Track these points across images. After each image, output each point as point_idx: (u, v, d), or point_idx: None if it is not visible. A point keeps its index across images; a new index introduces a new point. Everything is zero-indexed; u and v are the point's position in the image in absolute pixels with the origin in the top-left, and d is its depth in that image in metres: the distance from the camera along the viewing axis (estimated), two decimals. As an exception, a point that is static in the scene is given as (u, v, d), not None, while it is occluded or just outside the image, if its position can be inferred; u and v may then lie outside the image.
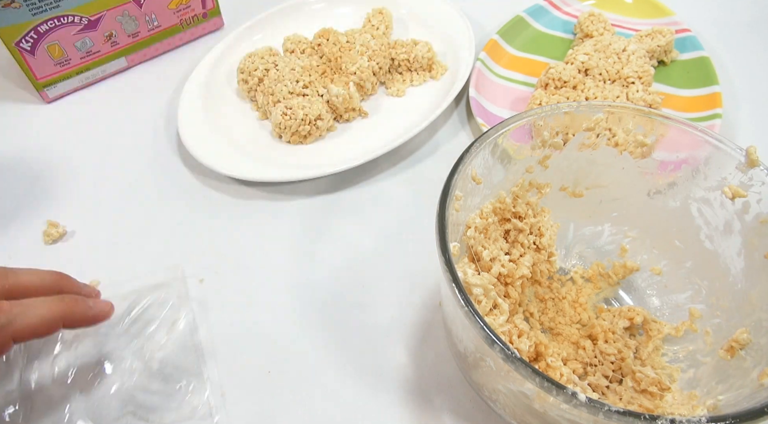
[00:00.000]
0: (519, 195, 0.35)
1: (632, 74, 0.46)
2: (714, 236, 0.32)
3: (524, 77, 0.53)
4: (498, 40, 0.54)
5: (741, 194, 0.30)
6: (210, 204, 0.46)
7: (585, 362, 0.33)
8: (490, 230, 0.33)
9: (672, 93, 0.49)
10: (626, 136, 0.33)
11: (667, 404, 0.29)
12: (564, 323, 0.35)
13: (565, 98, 0.46)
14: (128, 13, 0.53)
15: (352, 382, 0.36)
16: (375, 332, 0.38)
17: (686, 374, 0.31)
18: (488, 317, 0.29)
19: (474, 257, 0.32)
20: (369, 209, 0.45)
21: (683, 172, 0.33)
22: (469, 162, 0.30)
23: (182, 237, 0.44)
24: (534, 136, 0.33)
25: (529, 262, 0.33)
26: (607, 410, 0.21)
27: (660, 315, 0.35)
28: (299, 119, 0.47)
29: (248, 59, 0.52)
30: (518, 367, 0.22)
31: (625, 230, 0.37)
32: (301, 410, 0.35)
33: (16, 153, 0.51)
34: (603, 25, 0.53)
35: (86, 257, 0.43)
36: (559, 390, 0.22)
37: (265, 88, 0.50)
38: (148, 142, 0.51)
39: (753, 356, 0.28)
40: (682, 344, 0.33)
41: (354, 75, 0.50)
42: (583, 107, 0.33)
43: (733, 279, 0.31)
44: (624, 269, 0.37)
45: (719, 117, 0.45)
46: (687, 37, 0.52)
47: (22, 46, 0.49)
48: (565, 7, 0.58)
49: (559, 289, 0.36)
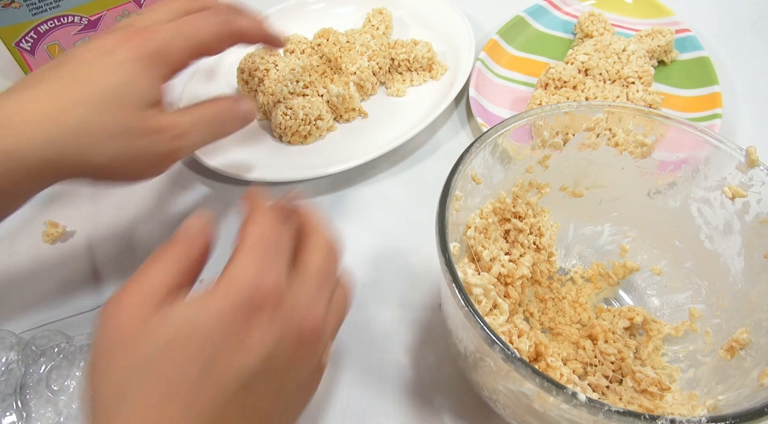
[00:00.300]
0: (519, 195, 0.35)
1: (632, 74, 0.46)
2: (714, 236, 0.32)
3: (524, 77, 0.53)
4: (498, 40, 0.54)
5: (741, 194, 0.30)
6: (210, 204, 0.46)
7: (585, 362, 0.33)
8: (490, 230, 0.33)
9: (672, 93, 0.49)
10: (626, 136, 0.33)
11: (667, 404, 0.29)
12: (564, 323, 0.35)
13: (565, 98, 0.46)
14: (128, 13, 0.53)
15: (352, 382, 0.35)
16: (375, 332, 0.38)
17: (686, 374, 0.31)
18: (488, 317, 0.29)
19: (474, 257, 0.32)
20: (369, 209, 0.45)
21: (683, 172, 0.33)
22: (469, 162, 0.30)
23: (182, 237, 0.44)
24: (534, 136, 0.33)
25: (529, 262, 0.33)
26: (607, 410, 0.21)
27: (660, 315, 0.35)
28: (299, 119, 0.47)
29: (248, 59, 0.52)
30: (518, 367, 0.22)
31: (625, 230, 0.37)
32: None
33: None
34: (603, 25, 0.53)
35: (86, 257, 0.43)
36: (559, 390, 0.22)
37: (265, 88, 0.50)
38: (148, 142, 0.51)
39: (753, 356, 0.28)
40: (682, 344, 0.33)
41: (354, 75, 0.50)
42: (583, 107, 0.33)
43: (733, 279, 0.31)
44: (624, 269, 0.37)
45: (719, 117, 0.45)
46: (687, 37, 0.52)
47: (22, 46, 0.49)
48: (565, 7, 0.58)
49: (559, 289, 0.36)
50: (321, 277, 0.26)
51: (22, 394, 0.34)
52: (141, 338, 0.22)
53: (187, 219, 0.26)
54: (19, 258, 0.43)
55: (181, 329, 0.22)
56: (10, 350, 0.36)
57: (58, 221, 0.45)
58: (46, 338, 0.37)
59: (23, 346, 0.36)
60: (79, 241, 0.44)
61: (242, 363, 0.22)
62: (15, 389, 0.34)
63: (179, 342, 0.22)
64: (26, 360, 0.36)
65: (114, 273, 0.42)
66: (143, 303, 0.23)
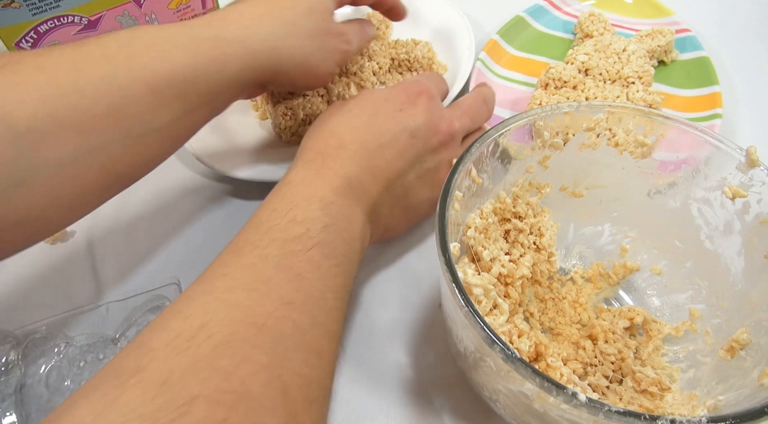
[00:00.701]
0: (519, 195, 0.35)
1: (632, 74, 0.46)
2: (714, 236, 0.32)
3: (524, 77, 0.53)
4: (498, 40, 0.54)
5: (741, 194, 0.30)
6: (210, 203, 0.46)
7: (585, 362, 0.33)
8: (490, 230, 0.33)
9: (672, 93, 0.49)
10: (626, 136, 0.33)
11: (667, 404, 0.29)
12: (564, 323, 0.35)
13: (565, 98, 0.46)
14: (128, 13, 0.53)
15: (351, 382, 0.35)
16: (375, 332, 0.38)
17: (686, 374, 0.31)
18: (488, 317, 0.29)
19: (474, 257, 0.32)
20: (369, 209, 0.45)
21: (683, 172, 0.33)
22: (469, 162, 0.30)
23: (182, 237, 0.44)
24: (534, 137, 0.33)
25: (529, 262, 0.33)
26: (607, 410, 0.21)
27: (660, 315, 0.35)
28: (299, 120, 0.47)
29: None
30: (518, 367, 0.22)
31: (625, 230, 0.37)
32: (301, 410, 0.35)
33: (16, 153, 0.51)
34: (603, 25, 0.53)
35: (86, 257, 0.43)
36: (559, 390, 0.22)
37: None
38: (148, 142, 0.51)
39: (753, 356, 0.28)
40: (682, 344, 0.33)
41: (354, 75, 0.50)
42: (583, 107, 0.33)
43: (733, 279, 0.31)
44: (624, 269, 0.37)
45: (719, 117, 0.45)
46: (687, 37, 0.52)
47: (22, 46, 0.49)
48: (565, 7, 0.58)
49: (559, 289, 0.36)
50: (467, 109, 0.38)
51: (22, 394, 0.34)
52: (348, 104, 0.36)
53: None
54: (19, 258, 0.43)
55: (367, 95, 0.36)
56: (10, 350, 0.36)
57: (58, 221, 0.45)
58: (46, 338, 0.37)
59: (23, 346, 0.36)
60: (79, 241, 0.44)
61: (398, 121, 0.34)
62: (15, 389, 0.34)
63: (361, 101, 0.36)
64: (26, 360, 0.36)
65: (114, 273, 0.42)
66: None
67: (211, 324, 0.22)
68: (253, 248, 0.26)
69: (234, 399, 0.20)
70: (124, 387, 0.19)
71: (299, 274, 0.25)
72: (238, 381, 0.20)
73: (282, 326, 0.23)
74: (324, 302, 0.26)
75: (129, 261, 0.43)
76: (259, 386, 0.21)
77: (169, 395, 0.19)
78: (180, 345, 0.21)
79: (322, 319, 0.25)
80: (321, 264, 0.27)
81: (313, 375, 0.24)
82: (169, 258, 0.43)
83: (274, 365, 0.22)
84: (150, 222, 0.45)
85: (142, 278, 0.41)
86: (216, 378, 0.20)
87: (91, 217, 0.46)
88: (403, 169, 0.34)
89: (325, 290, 0.26)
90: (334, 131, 0.34)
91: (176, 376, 0.20)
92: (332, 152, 0.32)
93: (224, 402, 0.20)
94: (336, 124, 0.34)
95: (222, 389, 0.20)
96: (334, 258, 0.28)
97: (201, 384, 0.20)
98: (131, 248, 0.44)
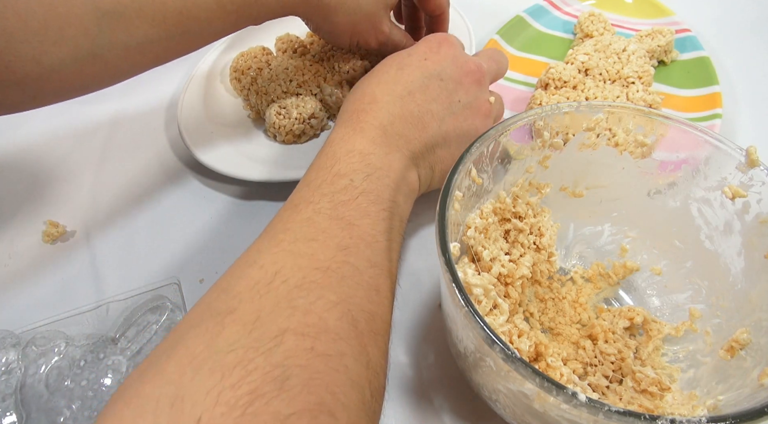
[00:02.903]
0: (519, 195, 0.35)
1: (632, 74, 0.46)
2: (714, 236, 0.32)
3: (524, 77, 0.53)
4: (498, 40, 0.54)
5: (741, 194, 0.30)
6: (209, 203, 0.46)
7: (585, 362, 0.33)
8: (490, 230, 0.33)
9: (672, 93, 0.49)
10: (626, 136, 0.33)
11: (667, 404, 0.29)
12: (564, 323, 0.35)
13: (565, 98, 0.46)
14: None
15: (352, 382, 0.35)
16: (375, 332, 0.38)
17: (686, 374, 0.31)
18: (488, 317, 0.29)
19: (474, 257, 0.32)
20: (369, 209, 0.45)
21: (683, 172, 0.33)
22: (469, 162, 0.30)
23: (182, 237, 0.44)
24: (534, 137, 0.33)
25: (529, 262, 0.33)
26: (607, 410, 0.21)
27: (660, 315, 0.35)
28: (293, 118, 0.47)
29: (240, 58, 0.52)
30: (518, 367, 0.22)
31: (625, 230, 0.37)
32: (301, 410, 0.35)
33: (16, 153, 0.51)
34: (603, 25, 0.53)
35: (86, 257, 0.43)
36: (559, 390, 0.22)
37: (258, 87, 0.50)
38: (147, 142, 0.51)
39: (753, 356, 0.28)
40: (682, 344, 0.33)
41: (348, 74, 0.50)
42: (583, 107, 0.33)
43: (733, 279, 0.31)
44: (624, 269, 0.37)
45: (719, 117, 0.45)
46: (687, 37, 0.52)
47: None
48: (565, 7, 0.58)
49: (559, 289, 0.36)
50: (491, 54, 0.42)
51: (22, 394, 0.34)
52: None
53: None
54: (19, 258, 0.43)
55: (391, 56, 0.38)
56: (10, 350, 0.36)
57: (58, 220, 0.45)
58: (46, 338, 0.37)
59: (23, 346, 0.36)
60: (79, 241, 0.44)
61: (425, 68, 0.36)
62: (15, 389, 0.34)
63: (386, 61, 0.38)
64: (26, 360, 0.36)
65: (114, 273, 0.42)
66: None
67: (283, 271, 0.25)
68: (307, 204, 0.29)
69: (316, 331, 0.23)
70: (223, 323, 0.22)
71: (350, 223, 0.28)
72: (316, 316, 0.23)
73: (342, 269, 0.26)
74: (376, 244, 0.29)
75: (129, 261, 0.43)
76: (334, 320, 0.24)
77: (263, 329, 0.22)
78: (261, 289, 0.24)
79: (376, 259, 0.28)
80: (369, 210, 0.29)
81: (376, 310, 0.26)
82: (169, 258, 0.43)
83: (342, 302, 0.25)
84: (150, 222, 0.45)
85: (142, 278, 0.41)
86: (297, 314, 0.23)
87: (92, 217, 0.47)
88: (438, 111, 0.36)
89: (375, 233, 0.29)
90: (365, 91, 0.36)
91: (265, 314, 0.23)
92: (366, 108, 0.35)
93: (308, 333, 0.23)
94: (366, 85, 0.37)
95: (304, 323, 0.23)
96: (379, 203, 0.30)
97: (287, 320, 0.23)
98: (131, 248, 0.44)
